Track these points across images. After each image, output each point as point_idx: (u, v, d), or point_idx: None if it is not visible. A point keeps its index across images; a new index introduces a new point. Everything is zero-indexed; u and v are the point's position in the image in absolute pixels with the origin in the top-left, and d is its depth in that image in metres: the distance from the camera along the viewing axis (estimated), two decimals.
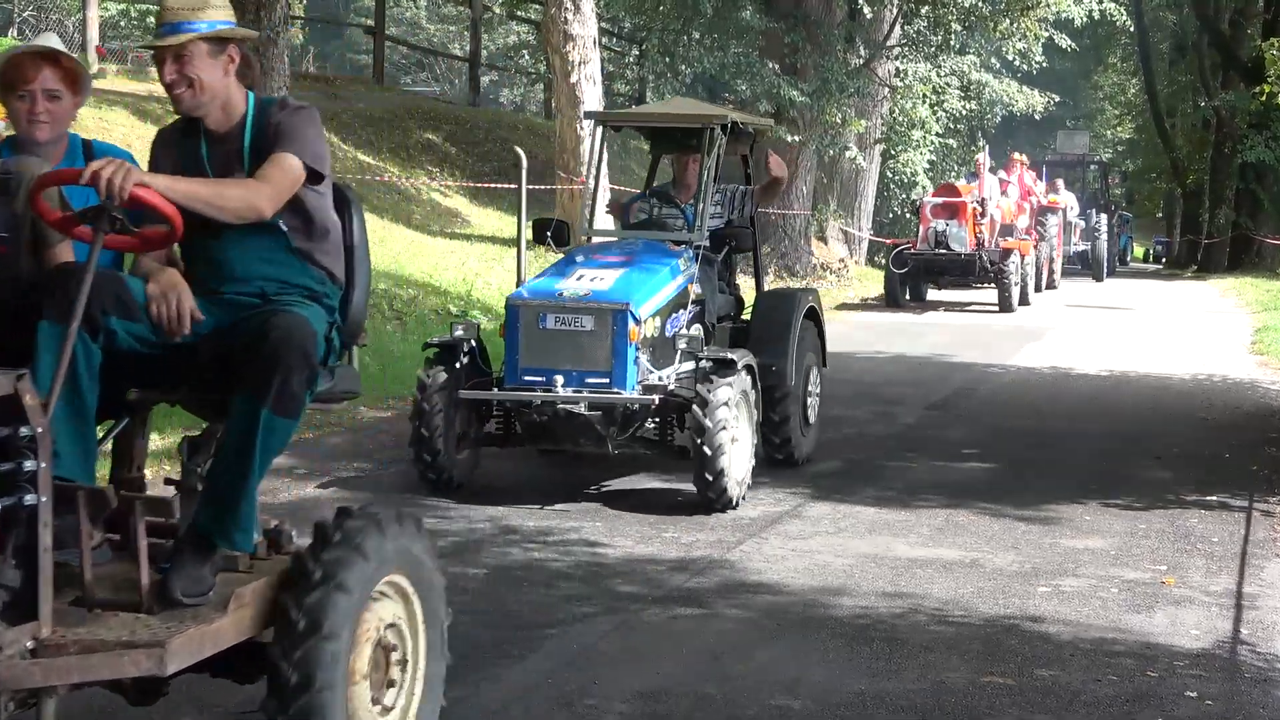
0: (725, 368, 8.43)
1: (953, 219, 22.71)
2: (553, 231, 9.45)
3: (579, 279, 8.64)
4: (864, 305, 23.21)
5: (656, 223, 9.71)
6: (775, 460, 9.59)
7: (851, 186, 28.70)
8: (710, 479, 8.18)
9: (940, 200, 23.42)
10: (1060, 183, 33.19)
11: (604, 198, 20.74)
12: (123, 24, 28.48)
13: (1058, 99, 34.80)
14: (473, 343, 8.63)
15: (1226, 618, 6.64)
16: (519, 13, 30.46)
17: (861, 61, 26.10)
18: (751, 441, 8.69)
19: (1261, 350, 17.54)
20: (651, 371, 8.52)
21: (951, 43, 27.41)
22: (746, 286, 11.24)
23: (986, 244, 22.99)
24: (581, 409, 8.20)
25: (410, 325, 15.04)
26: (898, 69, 28.17)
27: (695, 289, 9.12)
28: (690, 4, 23.61)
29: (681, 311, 8.98)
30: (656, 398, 8.29)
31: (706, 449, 8.10)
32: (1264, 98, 21.76)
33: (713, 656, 5.92)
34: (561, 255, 9.47)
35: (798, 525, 8.25)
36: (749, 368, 8.66)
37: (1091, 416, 12.41)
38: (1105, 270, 32.78)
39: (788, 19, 24.63)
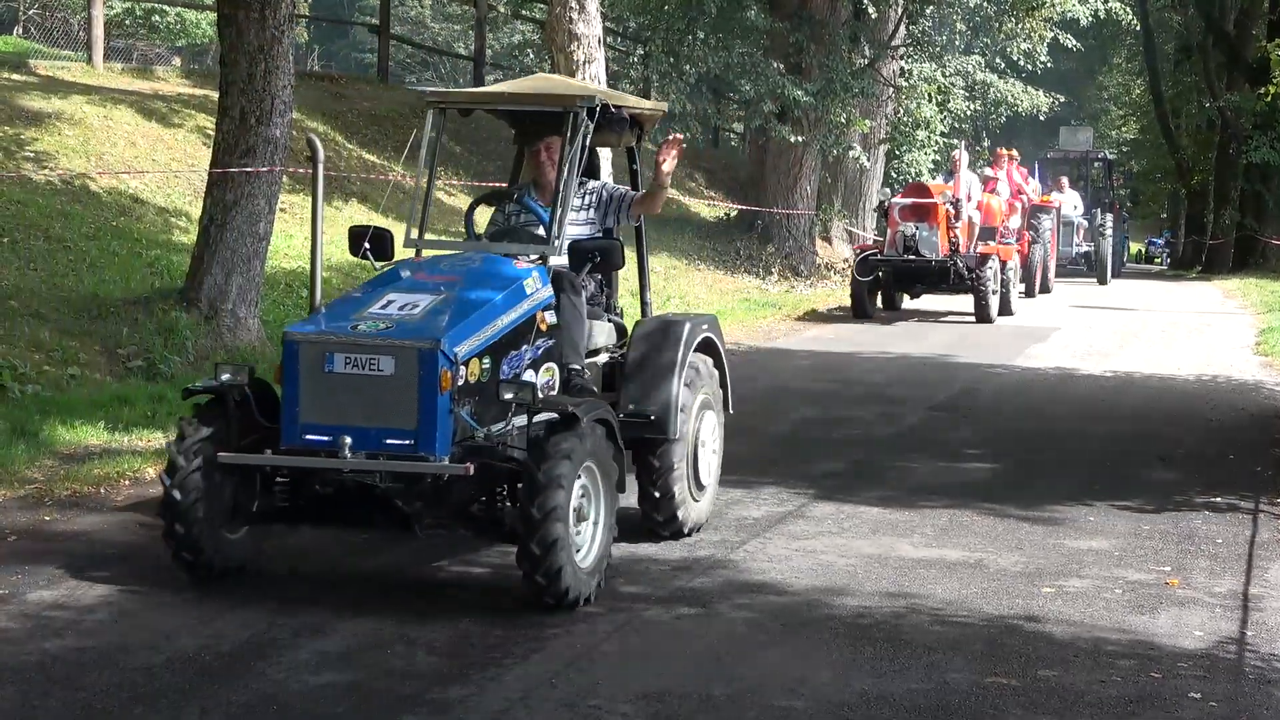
0: (565, 428, 6.44)
1: (923, 222, 20.60)
2: (370, 241, 7.38)
3: (386, 306, 6.72)
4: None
5: (512, 232, 7.79)
6: (659, 535, 7.75)
7: (856, 186, 28.69)
8: (544, 582, 6.27)
9: (909, 202, 21.12)
10: (1065, 180, 32.34)
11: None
12: (128, 23, 28.49)
13: (1062, 99, 34.74)
14: (246, 389, 6.70)
15: (1230, 619, 6.64)
16: (524, 12, 30.46)
17: (866, 61, 26.11)
18: (608, 520, 6.70)
19: (1266, 351, 17.52)
20: (476, 428, 6.57)
21: (956, 43, 27.40)
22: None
23: (963, 248, 20.91)
24: (376, 479, 6.41)
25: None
26: (902, 69, 28.17)
27: (548, 317, 7.18)
28: (695, 4, 23.61)
29: (526, 347, 6.99)
30: (471, 465, 6.30)
31: (536, 547, 6.20)
32: (1269, 98, 21.75)
33: (716, 657, 5.92)
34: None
35: (801, 525, 8.24)
36: (602, 423, 6.68)
37: (1095, 417, 12.40)
38: (1110, 272, 31.30)
39: (792, 19, 24.64)
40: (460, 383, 6.49)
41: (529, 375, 6.99)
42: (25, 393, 10.12)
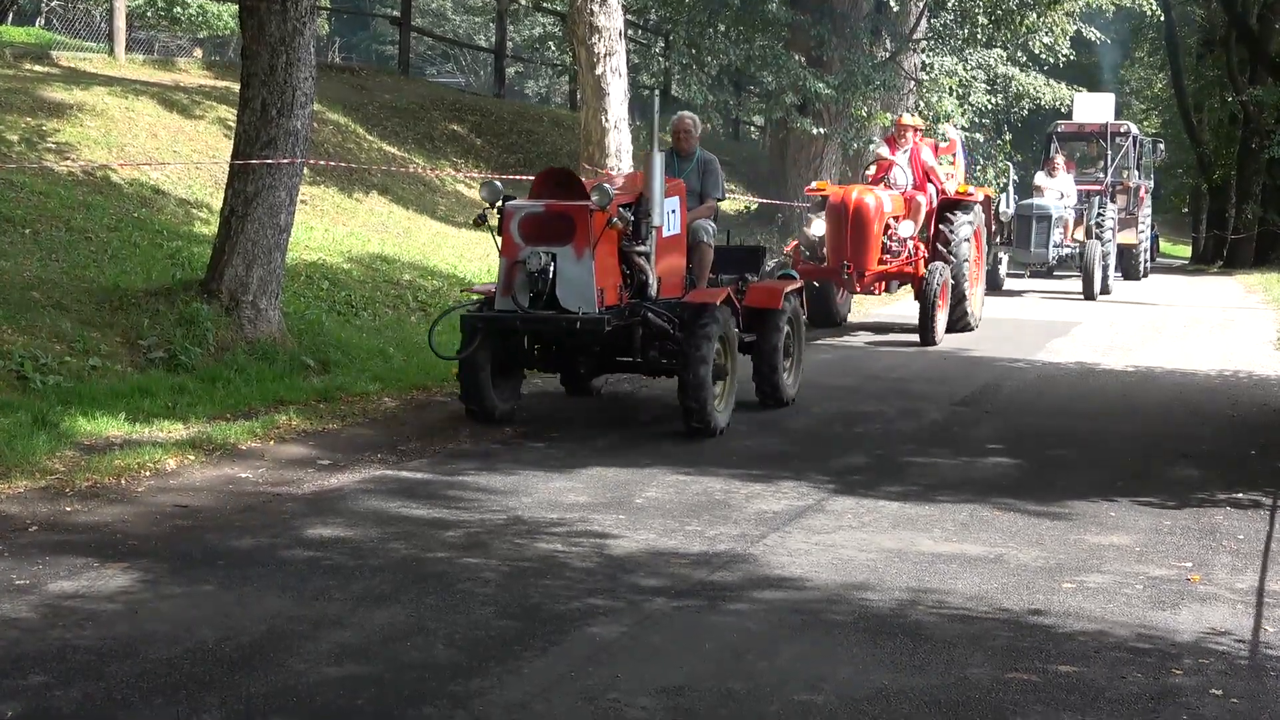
0: None
1: (564, 244, 10.25)
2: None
3: None
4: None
5: None
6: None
7: None
8: None
9: (537, 208, 10.44)
10: (1060, 160, 27.12)
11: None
12: (149, 14, 28.50)
13: (1085, 91, 34.57)
14: None
15: (1252, 615, 6.60)
16: (545, 4, 30.45)
17: (888, 55, 26.07)
18: None
19: None
20: None
21: (979, 36, 27.35)
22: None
23: (657, 289, 11.06)
24: None
25: (435, 316, 15.06)
26: (924, 62, 28.12)
27: None
28: None
29: None
30: None
31: None
32: None
33: (735, 651, 5.91)
34: None
35: (821, 519, 8.23)
36: None
37: (1117, 413, 12.36)
38: (1100, 283, 24.89)
39: (814, 11, 24.62)
40: None
41: None
42: (46, 383, 10.15)
